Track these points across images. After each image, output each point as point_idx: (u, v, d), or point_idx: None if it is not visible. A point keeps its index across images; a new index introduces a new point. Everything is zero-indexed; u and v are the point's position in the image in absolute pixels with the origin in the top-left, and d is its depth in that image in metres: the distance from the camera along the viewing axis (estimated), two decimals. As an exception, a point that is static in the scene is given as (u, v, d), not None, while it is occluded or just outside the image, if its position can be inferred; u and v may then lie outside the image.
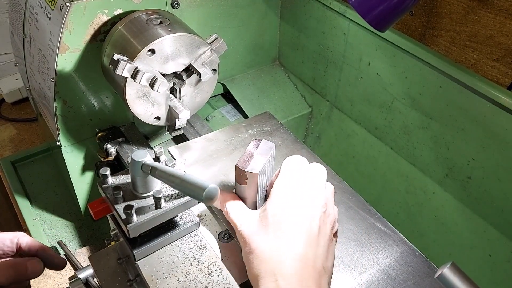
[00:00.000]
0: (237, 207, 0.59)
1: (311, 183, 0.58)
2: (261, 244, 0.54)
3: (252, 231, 0.55)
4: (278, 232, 0.54)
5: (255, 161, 0.57)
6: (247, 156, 0.58)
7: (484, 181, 0.80)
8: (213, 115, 1.10)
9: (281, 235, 0.54)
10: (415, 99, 0.87)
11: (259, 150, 0.59)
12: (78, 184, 0.93)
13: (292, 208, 0.55)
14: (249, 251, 0.54)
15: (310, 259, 0.52)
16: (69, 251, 0.90)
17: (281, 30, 1.14)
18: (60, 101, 0.80)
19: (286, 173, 0.59)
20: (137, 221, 0.55)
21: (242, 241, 0.56)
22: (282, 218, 0.55)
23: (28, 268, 0.63)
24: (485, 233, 0.83)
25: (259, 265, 0.53)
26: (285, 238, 0.53)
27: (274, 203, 0.56)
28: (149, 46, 0.70)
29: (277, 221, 0.55)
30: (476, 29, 0.80)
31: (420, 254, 0.63)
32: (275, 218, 0.55)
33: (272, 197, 0.57)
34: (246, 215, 0.58)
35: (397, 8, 0.70)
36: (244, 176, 0.57)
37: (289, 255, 0.52)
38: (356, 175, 1.07)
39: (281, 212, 0.55)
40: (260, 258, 0.53)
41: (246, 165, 0.57)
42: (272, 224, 0.55)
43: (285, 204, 0.56)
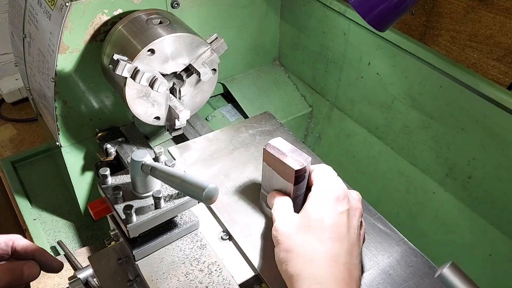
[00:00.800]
0: (284, 206, 0.60)
1: (347, 192, 0.59)
2: (302, 245, 0.54)
3: (291, 230, 0.56)
4: (320, 236, 0.54)
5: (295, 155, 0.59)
6: (285, 158, 0.58)
7: (485, 181, 0.80)
8: (213, 115, 1.10)
9: (324, 240, 0.54)
10: (416, 99, 0.87)
11: (283, 149, 0.59)
12: (78, 184, 0.93)
13: (334, 214, 0.56)
14: (288, 248, 0.55)
15: (349, 268, 0.53)
16: (69, 251, 0.90)
17: (281, 30, 1.14)
18: (60, 101, 0.80)
19: (323, 180, 0.59)
20: (137, 221, 0.55)
21: (279, 237, 0.56)
22: (324, 223, 0.55)
23: (24, 271, 0.62)
24: (485, 233, 0.83)
25: (299, 265, 0.53)
26: (328, 243, 0.54)
27: (316, 208, 0.57)
28: (149, 46, 0.70)
29: (319, 226, 0.55)
30: (476, 28, 0.80)
31: (421, 254, 0.62)
32: (317, 222, 0.55)
33: (314, 201, 0.57)
34: (289, 214, 0.58)
35: (397, 8, 0.70)
36: (304, 172, 0.58)
37: (333, 261, 0.52)
38: (356, 175, 1.07)
39: (323, 217, 0.55)
40: (301, 258, 0.53)
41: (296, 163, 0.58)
42: (315, 228, 0.55)
43: (327, 210, 0.56)
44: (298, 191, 0.60)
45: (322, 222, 0.55)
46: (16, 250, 0.65)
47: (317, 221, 0.55)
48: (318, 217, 0.56)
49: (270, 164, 0.61)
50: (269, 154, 0.60)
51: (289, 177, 0.59)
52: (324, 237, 0.54)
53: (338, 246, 0.54)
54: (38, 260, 0.65)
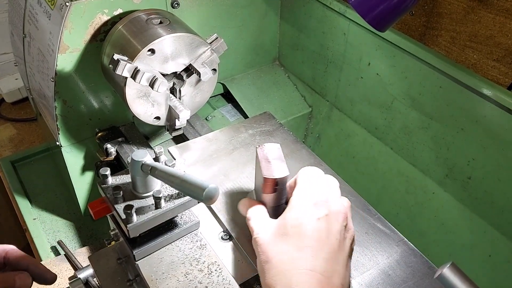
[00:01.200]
0: (259, 214, 0.58)
1: (330, 196, 0.57)
2: (279, 255, 0.52)
3: (269, 240, 0.54)
4: (298, 244, 0.52)
5: (276, 165, 0.57)
6: (266, 164, 0.57)
7: (484, 181, 0.80)
8: (213, 115, 1.10)
9: (301, 248, 0.52)
10: (415, 99, 0.87)
11: (271, 155, 0.58)
12: (78, 184, 0.93)
13: (312, 221, 0.54)
14: (265, 259, 0.53)
15: (328, 276, 0.50)
16: (69, 250, 0.90)
17: (281, 30, 1.14)
18: (60, 101, 0.80)
19: (305, 184, 0.57)
20: (137, 221, 0.55)
21: (259, 249, 0.55)
22: (302, 230, 0.53)
23: (16, 282, 0.61)
24: (485, 234, 0.83)
25: (275, 275, 0.51)
26: (305, 251, 0.52)
27: (294, 214, 0.55)
28: (149, 46, 0.70)
29: (297, 233, 0.53)
30: (476, 29, 0.80)
31: (420, 254, 0.63)
32: (295, 229, 0.53)
33: (292, 207, 0.55)
34: (266, 223, 0.56)
35: (397, 8, 0.70)
36: (274, 184, 0.56)
37: (308, 270, 0.50)
38: (356, 175, 1.07)
39: (301, 224, 0.53)
40: (277, 269, 0.51)
41: (272, 172, 0.56)
42: (292, 236, 0.53)
43: (305, 216, 0.54)
44: (271, 201, 0.59)
45: (300, 229, 0.53)
46: (9, 260, 0.65)
47: (295, 228, 0.53)
48: (296, 223, 0.54)
49: (257, 166, 0.61)
50: (257, 155, 0.59)
51: (262, 183, 0.58)
52: (301, 245, 0.52)
53: (315, 254, 0.51)
54: (31, 271, 0.64)
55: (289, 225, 0.54)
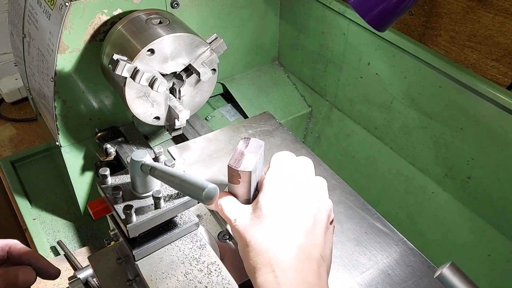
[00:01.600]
0: (230, 203, 0.59)
1: (302, 174, 0.58)
2: (256, 236, 0.54)
3: (246, 224, 0.55)
4: (272, 223, 0.54)
5: (247, 159, 0.58)
6: (238, 155, 0.58)
7: (484, 181, 0.80)
8: (212, 115, 1.10)
9: (276, 226, 0.53)
10: (415, 99, 0.87)
11: (249, 149, 0.59)
12: (77, 184, 0.93)
13: (285, 199, 0.55)
14: (244, 244, 0.54)
15: (307, 249, 0.52)
16: (68, 251, 0.90)
17: (281, 30, 1.14)
18: (60, 101, 0.80)
19: (276, 166, 0.59)
20: (136, 221, 0.55)
21: (237, 235, 0.56)
22: (275, 209, 0.55)
23: (19, 277, 0.61)
24: (484, 233, 0.83)
25: (255, 257, 0.52)
26: (281, 228, 0.53)
27: (267, 195, 0.56)
28: (149, 46, 0.70)
29: (270, 213, 0.54)
30: (476, 29, 0.80)
31: (420, 254, 0.63)
32: (268, 209, 0.55)
33: (264, 189, 0.57)
34: (240, 209, 0.58)
35: (397, 8, 0.70)
36: (237, 176, 0.57)
37: (285, 245, 0.52)
38: (356, 175, 1.07)
39: (274, 203, 0.55)
40: (256, 250, 0.53)
41: (238, 164, 0.57)
42: (266, 216, 0.54)
43: (277, 195, 0.56)
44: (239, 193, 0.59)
45: (273, 208, 0.55)
46: (12, 255, 0.64)
47: (268, 208, 0.55)
48: (268, 203, 0.55)
49: None
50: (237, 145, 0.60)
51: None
52: (277, 223, 0.54)
53: (291, 230, 0.53)
54: (34, 265, 0.64)
55: (263, 205, 0.55)
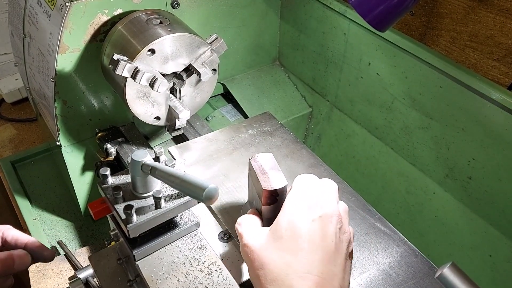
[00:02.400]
0: (249, 221, 0.56)
1: (325, 199, 0.55)
2: (274, 260, 0.50)
3: (262, 245, 0.52)
4: (292, 247, 0.50)
5: (273, 175, 0.56)
6: (262, 175, 0.56)
7: (485, 181, 0.80)
8: (213, 115, 1.10)
9: (297, 252, 0.50)
10: (416, 99, 0.87)
11: (266, 166, 0.57)
12: (78, 184, 0.93)
13: (307, 223, 0.52)
14: (259, 265, 0.51)
15: (326, 278, 0.49)
16: (69, 251, 0.90)
17: (281, 30, 1.14)
18: (60, 101, 0.80)
19: (299, 188, 0.55)
20: (137, 221, 0.55)
21: (250, 255, 0.52)
22: (296, 233, 0.51)
23: (15, 260, 0.61)
24: (485, 233, 0.83)
25: (272, 282, 0.49)
26: (301, 255, 0.50)
27: (288, 218, 0.53)
28: (149, 46, 0.70)
29: (291, 236, 0.51)
30: (477, 29, 0.80)
31: (421, 255, 0.62)
32: (289, 232, 0.51)
33: (286, 211, 0.53)
34: (256, 229, 0.54)
35: (397, 8, 0.70)
36: (275, 195, 0.55)
37: (305, 272, 0.49)
38: (356, 175, 1.07)
39: (295, 227, 0.51)
40: (273, 274, 0.49)
41: (271, 183, 0.55)
42: (286, 239, 0.51)
43: (299, 218, 0.52)
44: (269, 213, 0.57)
45: (293, 231, 0.51)
46: (6, 240, 0.65)
47: (288, 231, 0.51)
48: (289, 226, 0.52)
49: (252, 178, 0.59)
50: (251, 167, 0.58)
51: (260, 196, 0.56)
52: (296, 248, 0.50)
53: (312, 256, 0.50)
54: (29, 249, 0.64)
55: (283, 228, 0.52)
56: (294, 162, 0.75)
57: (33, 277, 0.85)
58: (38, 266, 0.87)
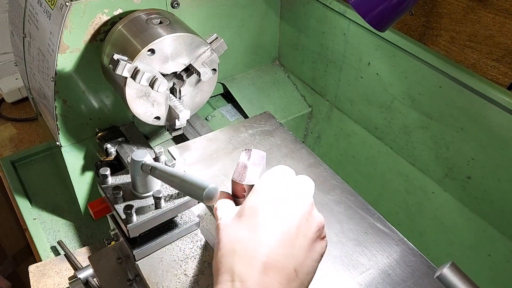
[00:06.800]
0: (225, 204, 0.55)
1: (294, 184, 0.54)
2: (228, 235, 0.49)
3: (226, 223, 0.51)
4: (250, 224, 0.49)
5: (251, 172, 0.56)
6: (241, 168, 0.56)
7: (484, 181, 0.80)
8: (213, 115, 1.10)
9: (253, 228, 0.49)
10: (415, 99, 0.87)
11: (252, 161, 0.57)
12: (78, 184, 0.93)
13: (270, 203, 0.51)
14: (218, 241, 0.50)
15: (278, 258, 0.47)
16: (69, 250, 0.91)
17: (281, 30, 1.14)
18: (60, 101, 0.80)
19: (270, 174, 0.55)
20: (137, 221, 0.55)
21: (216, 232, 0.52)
22: (257, 211, 0.50)
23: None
24: (484, 233, 0.83)
25: (221, 257, 0.48)
26: (257, 232, 0.48)
27: (254, 197, 0.52)
28: (149, 46, 0.70)
29: (252, 214, 0.50)
30: (476, 29, 0.80)
31: (420, 254, 0.63)
32: (251, 211, 0.50)
33: (253, 192, 0.53)
34: (230, 210, 0.54)
35: (397, 8, 0.70)
36: (242, 189, 0.55)
37: (255, 251, 0.47)
38: (356, 175, 1.07)
39: (258, 206, 0.51)
40: (223, 250, 0.48)
41: (243, 177, 0.55)
42: (247, 216, 0.50)
43: (265, 198, 0.51)
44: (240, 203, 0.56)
45: (256, 210, 0.50)
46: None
47: (251, 210, 0.50)
48: (253, 205, 0.51)
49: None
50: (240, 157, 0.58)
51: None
52: (254, 224, 0.49)
53: (266, 236, 0.48)
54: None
55: (247, 206, 0.51)
56: (294, 161, 0.76)
57: (33, 276, 0.85)
58: (38, 266, 0.87)
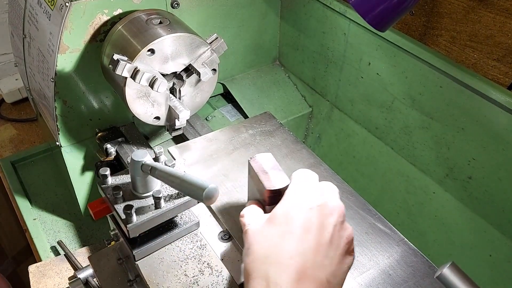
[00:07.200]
0: (252, 210, 0.55)
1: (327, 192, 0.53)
2: (261, 240, 0.49)
3: (256, 229, 0.51)
4: (283, 231, 0.49)
5: (275, 176, 0.55)
6: (263, 175, 0.56)
7: (485, 181, 0.80)
8: (213, 115, 1.10)
9: (286, 235, 0.48)
10: (416, 99, 0.87)
11: (266, 166, 0.57)
12: (78, 184, 0.93)
13: (303, 210, 0.50)
14: (247, 247, 0.50)
15: (312, 268, 0.46)
16: (69, 251, 0.90)
17: (281, 30, 1.14)
18: (60, 101, 0.80)
19: (299, 179, 0.54)
20: (137, 221, 0.55)
21: (244, 238, 0.52)
22: (290, 217, 0.50)
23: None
24: (485, 233, 0.83)
25: (252, 262, 0.48)
26: (290, 238, 0.48)
27: (285, 204, 0.52)
28: (149, 46, 0.70)
29: (284, 221, 0.50)
30: (477, 28, 0.80)
31: (421, 254, 0.62)
32: (283, 218, 0.50)
33: (284, 199, 0.53)
34: (257, 217, 0.54)
35: (397, 8, 0.70)
36: (278, 194, 0.54)
37: (288, 258, 0.47)
38: (356, 175, 1.07)
39: (290, 212, 0.50)
40: (255, 254, 0.48)
41: (273, 183, 0.55)
42: (279, 223, 0.50)
43: (296, 206, 0.51)
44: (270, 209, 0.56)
45: (288, 217, 0.50)
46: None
47: (283, 217, 0.50)
48: (285, 212, 0.50)
49: (252, 178, 0.59)
50: (252, 168, 0.57)
51: (263, 196, 0.56)
52: (286, 231, 0.48)
53: (300, 243, 0.47)
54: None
55: (278, 214, 0.51)
56: (294, 162, 0.75)
57: (33, 277, 0.85)
58: (38, 266, 0.87)
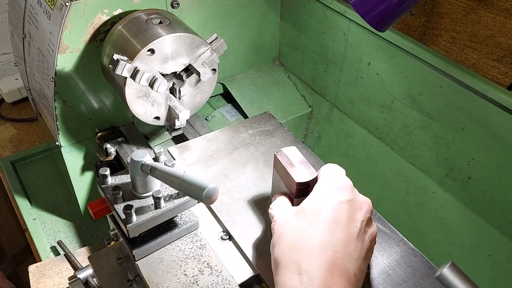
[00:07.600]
0: (281, 203, 0.56)
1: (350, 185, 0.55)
2: (291, 230, 0.50)
3: (286, 218, 0.52)
4: (313, 222, 0.49)
5: (302, 169, 0.56)
6: (291, 168, 0.56)
7: (485, 181, 0.80)
8: (213, 115, 1.10)
9: (316, 226, 0.49)
10: (415, 99, 0.87)
11: (293, 159, 0.57)
12: (77, 184, 0.93)
13: (333, 203, 0.51)
14: (278, 235, 0.51)
15: (343, 259, 0.47)
16: (68, 251, 0.90)
17: (281, 30, 1.14)
18: (60, 101, 0.80)
19: (330, 173, 0.55)
20: (136, 221, 0.55)
21: (273, 228, 0.53)
22: (320, 208, 0.50)
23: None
24: (485, 233, 0.83)
25: (283, 249, 0.48)
26: (320, 229, 0.48)
27: (315, 196, 0.52)
28: (149, 46, 0.70)
29: (314, 213, 0.50)
30: (476, 29, 0.80)
31: (420, 254, 0.62)
32: (313, 210, 0.51)
33: (314, 192, 0.53)
34: (286, 209, 0.55)
35: (397, 8, 0.70)
36: (307, 187, 0.55)
37: (320, 247, 0.47)
38: (356, 175, 1.07)
39: (320, 204, 0.51)
40: (287, 242, 0.49)
41: (301, 176, 0.55)
42: (309, 214, 0.51)
43: (326, 198, 0.52)
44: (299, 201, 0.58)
45: (318, 208, 0.51)
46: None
47: (313, 207, 0.51)
48: (314, 205, 0.52)
49: (278, 172, 0.59)
50: (278, 161, 0.58)
51: (291, 189, 0.57)
52: (317, 221, 0.49)
53: (331, 234, 0.48)
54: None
55: (308, 206, 0.52)
56: (294, 162, 0.75)
57: (33, 277, 0.85)
58: (38, 266, 0.87)
